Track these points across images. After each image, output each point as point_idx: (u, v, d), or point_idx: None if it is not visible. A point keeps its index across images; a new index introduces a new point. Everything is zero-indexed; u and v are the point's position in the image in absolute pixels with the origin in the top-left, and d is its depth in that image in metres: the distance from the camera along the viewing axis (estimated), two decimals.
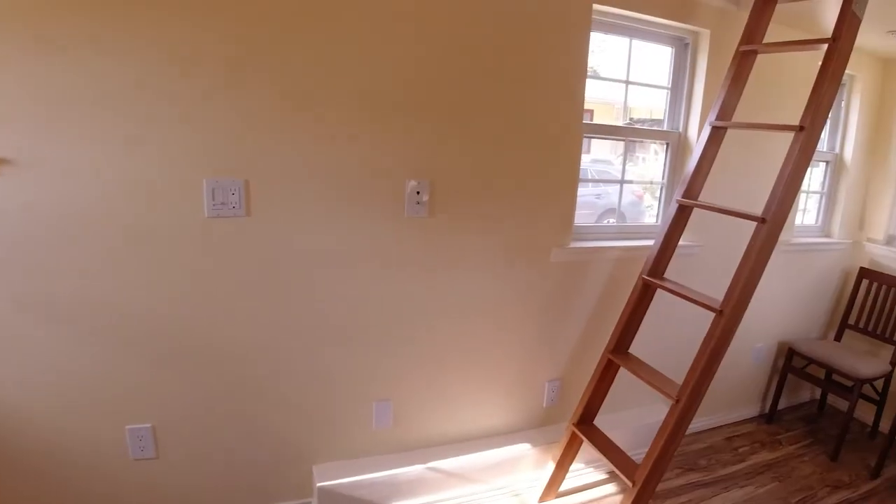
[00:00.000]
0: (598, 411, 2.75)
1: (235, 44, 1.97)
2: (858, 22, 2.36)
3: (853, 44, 2.35)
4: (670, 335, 3.24)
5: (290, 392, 2.39)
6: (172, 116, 1.94)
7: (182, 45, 1.90)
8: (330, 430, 2.51)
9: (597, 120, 2.93)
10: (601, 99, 3.07)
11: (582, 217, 2.91)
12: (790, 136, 2.41)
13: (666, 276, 2.67)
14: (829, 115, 3.87)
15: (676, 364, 3.04)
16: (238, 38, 1.97)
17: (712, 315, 2.32)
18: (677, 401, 2.28)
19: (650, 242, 2.94)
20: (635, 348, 2.71)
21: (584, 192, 3.08)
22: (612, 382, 2.70)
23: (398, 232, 2.39)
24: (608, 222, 3.45)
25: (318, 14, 2.06)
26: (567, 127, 2.63)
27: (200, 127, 1.98)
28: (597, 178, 5.65)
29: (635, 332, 2.68)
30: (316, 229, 2.24)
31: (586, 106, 2.67)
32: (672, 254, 2.65)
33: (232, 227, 2.12)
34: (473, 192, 2.50)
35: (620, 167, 3.07)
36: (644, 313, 2.66)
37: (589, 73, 2.65)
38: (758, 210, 2.30)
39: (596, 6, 2.61)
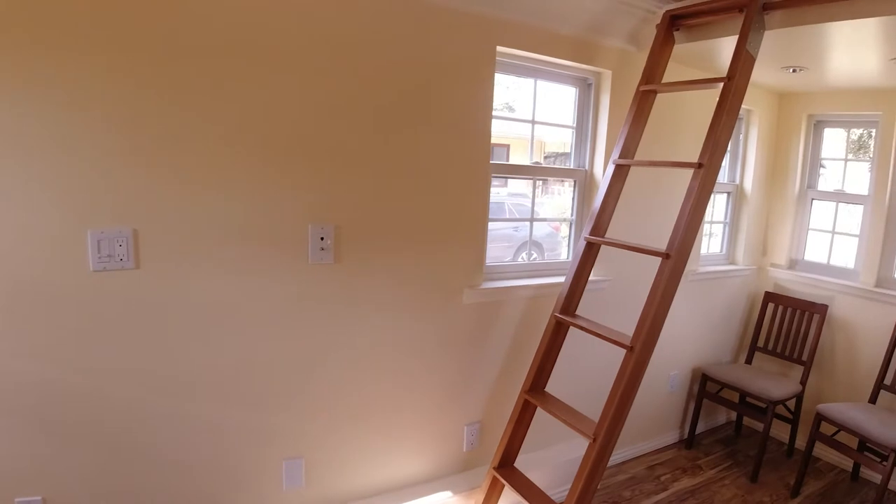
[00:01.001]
0: (518, 452, 2.71)
1: (122, 82, 1.85)
2: (753, 60, 2.47)
3: (748, 81, 2.45)
4: (586, 371, 3.26)
5: (191, 456, 2.23)
6: (55, 162, 1.80)
7: (61, 86, 1.77)
8: (236, 494, 2.36)
9: (514, 154, 2.95)
10: (518, 135, 3.10)
11: (501, 250, 2.90)
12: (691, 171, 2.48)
13: (579, 311, 2.68)
14: (729, 148, 4.06)
15: (594, 399, 3.06)
16: (125, 75, 1.86)
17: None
18: (594, 439, 2.27)
19: (562, 279, 2.96)
20: (552, 386, 2.71)
21: (502, 225, 3.08)
22: (530, 423, 2.67)
23: (303, 280, 2.30)
24: (526, 255, 3.46)
25: (212, 52, 1.98)
26: (474, 168, 2.63)
27: (85, 172, 1.85)
28: (515, 211, 5.73)
29: (550, 371, 2.67)
30: (213, 280, 2.12)
31: (504, 141, 2.68)
32: (583, 290, 2.66)
33: (120, 281, 1.97)
34: (381, 236, 2.44)
35: (539, 200, 3.09)
36: (558, 351, 2.66)
37: (504, 109, 2.66)
38: (663, 244, 2.35)
39: (500, 48, 2.64)
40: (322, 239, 2.30)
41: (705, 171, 2.30)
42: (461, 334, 2.75)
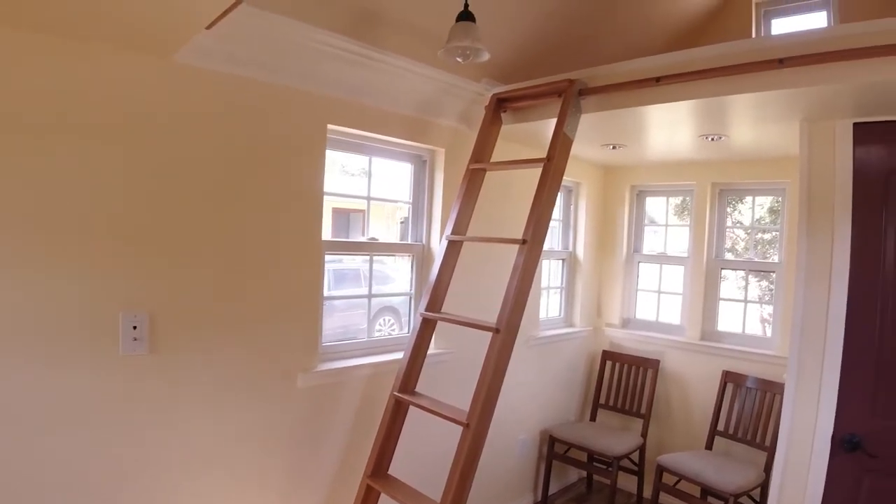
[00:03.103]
0: None
1: None
2: (570, 142, 2.64)
3: (566, 161, 2.62)
4: (431, 448, 3.19)
5: None
6: None
7: None
8: None
9: (373, 217, 2.95)
10: (377, 201, 3.12)
11: (358, 317, 2.83)
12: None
13: (421, 386, 2.67)
14: (561, 218, 4.31)
15: (440, 477, 3.00)
16: None
17: None
18: None
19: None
20: (397, 468, 2.64)
21: (356, 292, 3.04)
22: None
23: (112, 374, 2.07)
24: (384, 321, 3.44)
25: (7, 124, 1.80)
26: (306, 246, 2.57)
27: None
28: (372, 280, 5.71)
29: (393, 452, 2.61)
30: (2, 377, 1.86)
31: (358, 206, 2.66)
32: (421, 366, 2.66)
33: None
34: (204, 320, 2.29)
35: (394, 266, 3.07)
36: (400, 431, 2.61)
37: (362, 174, 2.64)
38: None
39: (331, 126, 2.64)
40: (135, 328, 2.12)
41: (529, 247, 2.40)
42: (297, 421, 2.62)
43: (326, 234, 2.75)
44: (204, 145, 2.24)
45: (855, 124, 2.54)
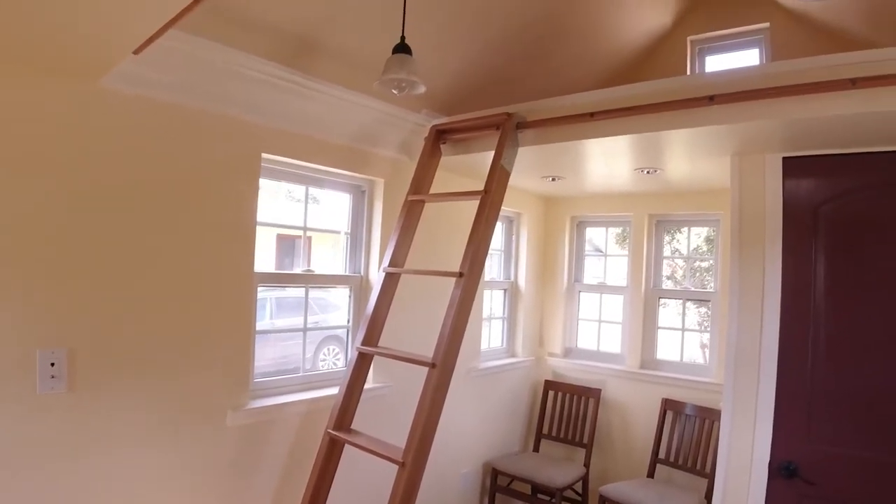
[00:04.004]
0: None
1: None
2: (507, 175, 2.64)
3: (504, 194, 2.61)
4: (367, 487, 3.08)
5: None
6: None
7: None
8: None
9: (319, 243, 2.87)
10: (323, 227, 3.11)
11: (299, 347, 2.76)
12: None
13: (359, 421, 2.58)
14: (503, 248, 4.32)
15: None
16: None
17: None
18: None
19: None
20: None
21: (296, 322, 2.99)
22: None
23: (29, 414, 1.94)
24: (328, 350, 3.34)
25: None
26: (237, 278, 2.48)
27: None
28: (316, 307, 5.59)
29: (328, 492, 2.51)
30: None
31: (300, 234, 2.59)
32: (357, 402, 2.58)
33: None
34: (128, 356, 2.17)
35: (338, 293, 2.99)
36: (335, 470, 2.52)
37: (312, 201, 2.58)
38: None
39: (265, 155, 2.58)
40: (52, 365, 1.99)
41: (466, 280, 2.38)
42: (226, 462, 2.49)
43: (269, 261, 2.68)
44: (129, 173, 2.15)
45: (784, 158, 2.63)
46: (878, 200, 2.44)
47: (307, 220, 2.91)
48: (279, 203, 2.99)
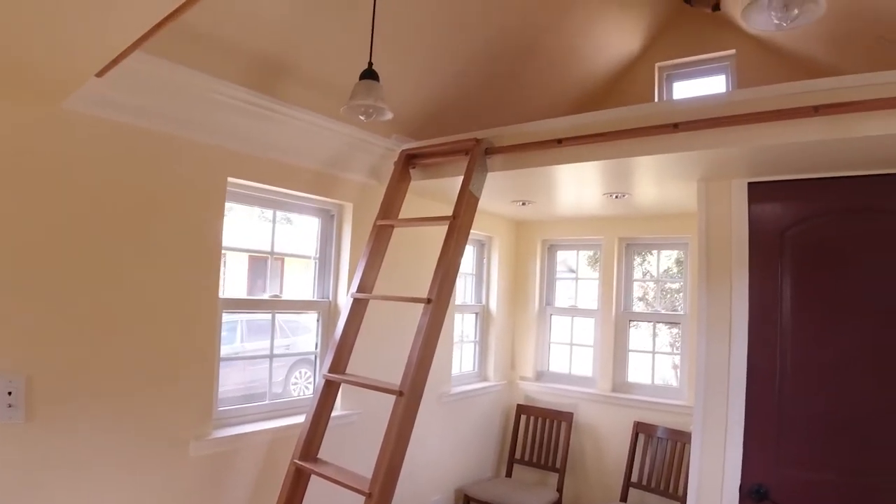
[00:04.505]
0: None
1: None
2: (476, 200, 2.64)
3: (473, 218, 2.61)
4: None
5: None
6: None
7: None
8: None
9: (291, 265, 2.81)
10: (296, 249, 3.07)
11: (274, 371, 2.72)
12: None
13: (325, 450, 2.54)
14: (474, 272, 4.31)
15: None
16: None
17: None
18: None
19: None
20: None
21: (264, 346, 2.93)
22: None
23: None
24: (300, 373, 3.28)
25: None
26: (201, 304, 2.43)
27: None
28: (287, 329, 5.48)
29: None
30: None
31: (276, 252, 2.55)
32: (324, 430, 2.54)
33: None
34: (88, 384, 2.10)
35: (310, 317, 2.97)
36: (301, 501, 2.47)
37: (283, 221, 2.54)
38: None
39: (232, 179, 2.55)
40: (10, 394, 1.92)
41: (434, 306, 2.36)
42: (189, 493, 2.41)
43: (241, 283, 2.62)
44: (91, 198, 2.11)
45: (750, 183, 2.67)
46: (841, 225, 2.49)
47: (278, 242, 2.88)
48: (253, 224, 2.94)
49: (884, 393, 2.33)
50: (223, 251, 2.53)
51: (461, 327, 4.21)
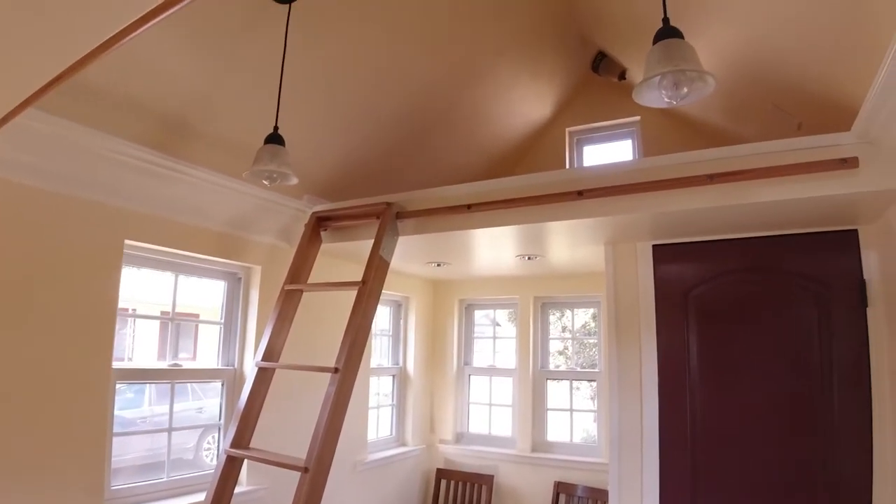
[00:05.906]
0: None
1: None
2: (387, 264, 2.61)
3: (383, 283, 2.57)
4: None
5: None
6: None
7: None
8: None
9: (203, 332, 2.70)
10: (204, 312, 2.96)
11: (177, 437, 2.58)
12: None
13: None
14: (391, 332, 4.25)
15: None
16: None
17: None
18: None
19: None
20: None
21: (185, 406, 2.81)
22: None
23: None
24: (213, 438, 3.08)
25: None
26: (92, 375, 2.25)
27: None
28: (201, 392, 5.13)
29: None
30: None
31: (191, 311, 2.40)
32: None
33: None
34: None
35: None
36: None
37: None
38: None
39: (129, 241, 2.42)
40: None
41: (342, 376, 2.28)
42: None
43: (152, 347, 2.46)
44: None
45: (654, 246, 2.76)
46: (740, 284, 2.60)
47: (190, 303, 2.75)
48: (164, 285, 2.77)
49: (794, 440, 2.40)
50: (131, 315, 2.37)
51: (378, 390, 4.11)
